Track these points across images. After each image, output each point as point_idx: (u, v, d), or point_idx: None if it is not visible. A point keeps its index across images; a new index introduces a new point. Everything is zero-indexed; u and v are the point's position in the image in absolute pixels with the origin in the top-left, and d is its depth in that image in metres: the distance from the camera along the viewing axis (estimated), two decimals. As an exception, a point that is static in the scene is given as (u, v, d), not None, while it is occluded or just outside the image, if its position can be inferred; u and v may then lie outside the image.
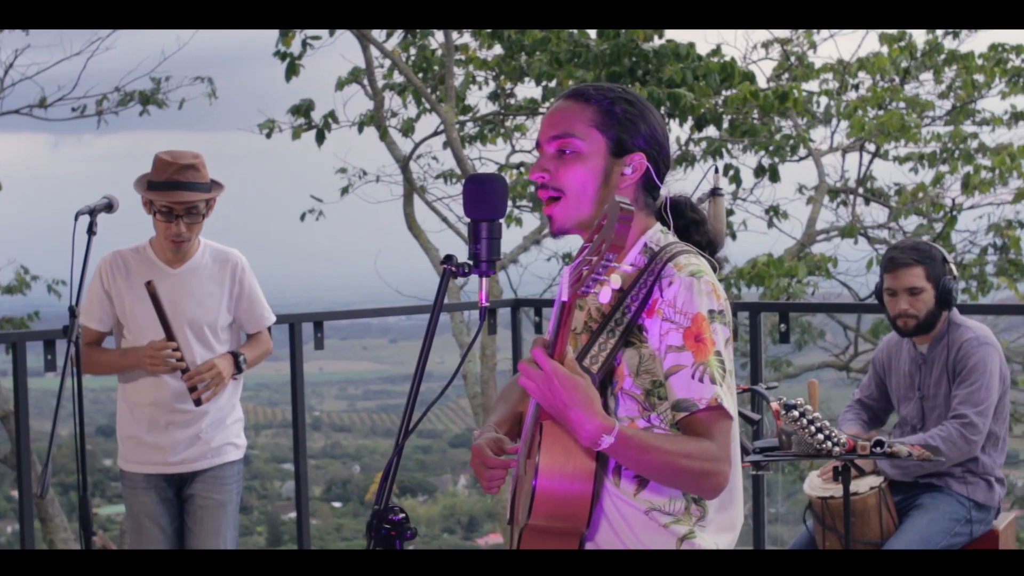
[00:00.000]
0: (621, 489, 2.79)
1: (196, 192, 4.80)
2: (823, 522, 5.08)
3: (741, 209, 12.93)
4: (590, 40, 11.07)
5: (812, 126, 13.11)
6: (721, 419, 2.68)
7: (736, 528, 2.90)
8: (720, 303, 2.75)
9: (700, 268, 2.76)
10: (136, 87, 12.69)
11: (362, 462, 31.63)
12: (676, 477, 2.67)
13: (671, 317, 2.71)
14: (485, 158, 13.18)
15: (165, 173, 4.78)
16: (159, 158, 4.82)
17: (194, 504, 5.01)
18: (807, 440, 4.44)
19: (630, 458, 2.62)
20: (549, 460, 2.65)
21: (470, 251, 2.68)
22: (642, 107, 2.89)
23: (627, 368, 2.77)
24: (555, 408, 2.55)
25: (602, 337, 2.79)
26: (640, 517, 2.78)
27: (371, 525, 2.56)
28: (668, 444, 2.66)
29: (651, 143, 2.87)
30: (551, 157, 2.84)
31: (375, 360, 41.94)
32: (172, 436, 4.91)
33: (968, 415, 4.95)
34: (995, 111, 13.06)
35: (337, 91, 12.55)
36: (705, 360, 2.68)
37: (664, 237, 2.87)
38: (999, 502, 5.21)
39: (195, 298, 4.94)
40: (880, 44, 12.94)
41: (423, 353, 2.66)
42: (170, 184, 4.77)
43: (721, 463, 2.66)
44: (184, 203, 4.78)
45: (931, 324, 5.12)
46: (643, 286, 2.77)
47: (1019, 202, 12.28)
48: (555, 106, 2.90)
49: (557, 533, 2.70)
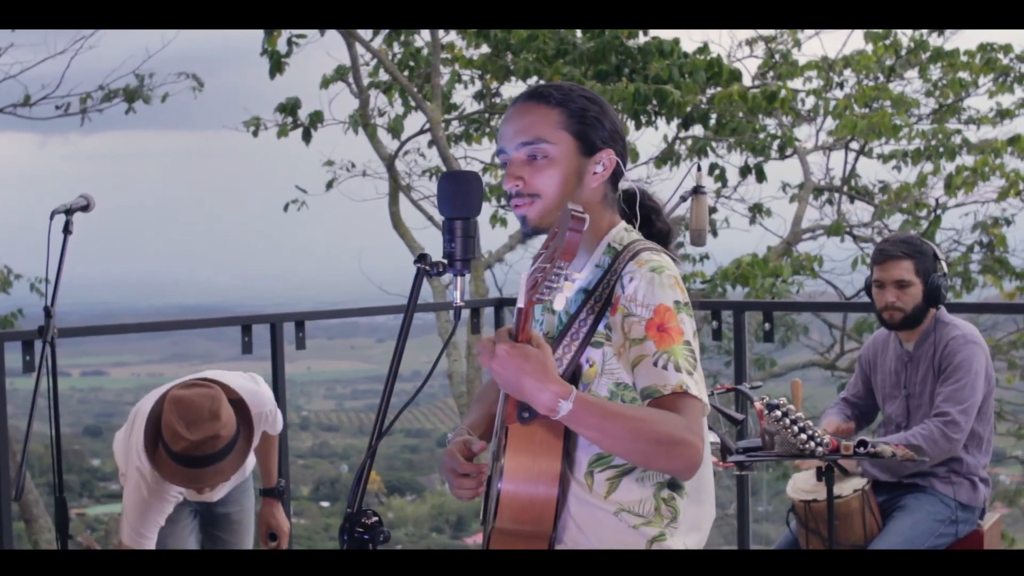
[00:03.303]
0: (593, 492, 2.75)
1: (221, 466, 4.32)
2: (806, 525, 5.06)
3: (725, 207, 12.96)
4: (576, 38, 11.07)
5: (797, 124, 13.12)
6: (689, 401, 2.63)
7: (705, 527, 2.86)
8: (684, 295, 2.73)
9: (662, 264, 2.74)
10: (120, 85, 12.69)
11: (350, 462, 31.64)
12: (645, 446, 2.59)
13: (633, 311, 2.69)
14: (471, 157, 13.21)
15: (178, 443, 4.23)
16: (170, 425, 4.23)
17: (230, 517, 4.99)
18: (790, 440, 4.42)
19: (592, 425, 2.58)
20: (514, 463, 2.65)
21: (445, 249, 2.66)
22: (601, 103, 2.90)
23: (597, 369, 2.75)
24: (509, 380, 2.56)
25: (567, 339, 2.79)
26: (609, 519, 2.75)
27: (344, 529, 2.54)
28: (633, 411, 2.62)
29: (616, 138, 2.88)
30: (522, 164, 2.82)
31: (363, 359, 41.97)
32: None
33: (950, 413, 4.93)
34: (981, 109, 13.11)
35: (322, 89, 12.56)
36: (669, 349, 2.65)
37: (627, 235, 2.86)
38: (984, 502, 5.20)
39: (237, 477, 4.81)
40: (865, 42, 12.98)
41: (396, 354, 2.64)
42: (187, 460, 4.26)
43: (691, 435, 2.60)
44: (208, 484, 4.42)
45: (917, 319, 5.11)
46: (606, 286, 2.77)
47: (1004, 200, 12.29)
48: (516, 110, 2.87)
49: (524, 536, 2.69)
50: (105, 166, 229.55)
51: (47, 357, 4.10)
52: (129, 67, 12.77)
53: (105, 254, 65.00)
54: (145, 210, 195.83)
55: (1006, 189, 12.16)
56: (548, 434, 2.66)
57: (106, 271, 37.87)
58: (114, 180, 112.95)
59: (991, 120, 12.93)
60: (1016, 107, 12.93)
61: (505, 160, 2.86)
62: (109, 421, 34.01)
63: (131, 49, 12.86)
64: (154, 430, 4.28)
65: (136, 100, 12.65)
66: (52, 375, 4.11)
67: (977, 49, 12.65)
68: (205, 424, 4.21)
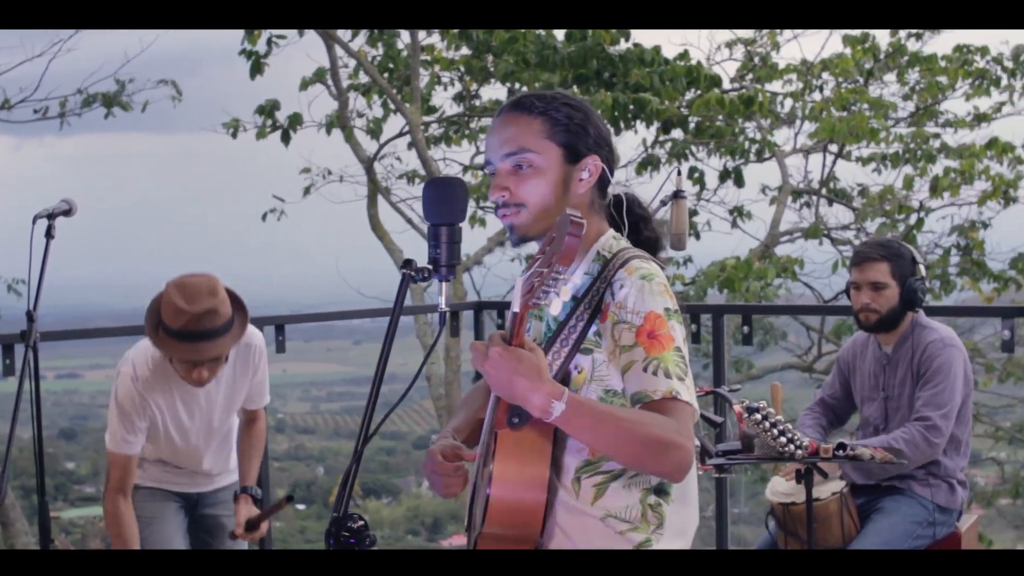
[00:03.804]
0: (580, 498, 2.77)
1: (218, 341, 4.44)
2: (785, 527, 5.08)
3: (705, 210, 12.97)
4: (557, 42, 11.08)
5: (776, 127, 13.15)
6: (679, 406, 2.65)
7: (690, 532, 2.89)
8: (674, 302, 2.76)
9: (651, 272, 2.76)
10: (99, 89, 12.63)
11: (326, 464, 31.55)
12: (637, 448, 2.61)
13: (624, 318, 2.71)
14: (450, 159, 13.21)
15: (178, 319, 4.37)
16: (171, 301, 4.40)
17: (220, 521, 5.00)
18: (770, 443, 4.44)
19: (585, 427, 2.59)
20: (503, 468, 2.67)
21: (430, 255, 2.67)
22: (586, 110, 2.91)
23: (586, 376, 2.76)
24: (503, 382, 2.56)
25: (556, 345, 2.80)
26: (596, 525, 2.77)
27: (330, 532, 2.55)
28: (625, 413, 2.64)
29: (601, 144, 2.89)
30: (508, 174, 2.84)
31: (339, 362, 41.85)
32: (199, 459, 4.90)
33: (931, 417, 4.96)
34: (958, 112, 13.15)
35: (301, 91, 12.54)
36: (659, 356, 2.67)
37: (616, 243, 2.88)
38: (962, 504, 5.23)
39: (225, 407, 4.84)
40: (844, 46, 13.01)
41: (382, 358, 2.65)
42: (186, 336, 4.40)
43: (683, 438, 2.62)
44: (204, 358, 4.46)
45: (893, 321, 5.15)
46: (595, 293, 2.79)
47: (984, 204, 12.34)
48: (501, 121, 2.88)
49: (512, 540, 2.70)
50: (83, 169, 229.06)
51: (30, 361, 4.10)
52: (108, 70, 12.71)
53: (83, 257, 64.73)
54: (124, 213, 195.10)
55: (988, 193, 12.21)
56: (537, 440, 2.67)
57: (84, 273, 37.78)
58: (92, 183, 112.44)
59: (968, 123, 12.97)
60: (993, 110, 12.99)
61: (492, 171, 2.87)
62: (84, 424, 33.85)
63: (110, 51, 12.82)
64: (155, 316, 4.43)
65: (115, 106, 12.60)
66: (35, 379, 4.11)
67: (953, 51, 12.71)
68: (204, 298, 4.36)
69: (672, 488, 2.81)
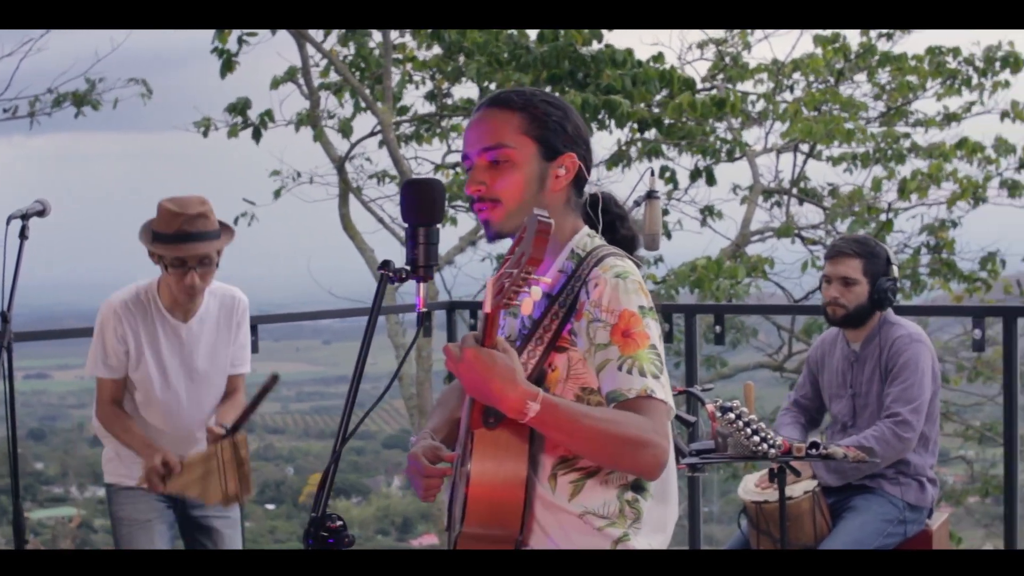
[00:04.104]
0: (556, 495, 2.78)
1: (208, 242, 4.64)
2: (757, 526, 5.10)
3: (676, 209, 12.97)
4: (529, 42, 11.08)
5: (747, 126, 13.18)
6: (654, 404, 2.67)
7: (668, 528, 2.90)
8: (649, 300, 2.76)
9: (626, 269, 2.77)
10: (70, 88, 12.54)
11: (296, 464, 31.46)
12: (612, 447, 2.62)
13: (598, 316, 2.72)
14: (421, 158, 13.17)
15: (173, 224, 4.60)
16: (165, 208, 4.63)
17: (213, 523, 5.00)
18: (743, 442, 4.45)
19: (560, 427, 2.60)
20: (481, 467, 2.67)
21: (407, 256, 2.67)
22: (564, 107, 2.92)
23: (560, 374, 2.77)
24: (477, 384, 2.56)
25: (531, 344, 2.81)
26: (574, 521, 2.78)
27: (309, 533, 2.54)
28: (600, 412, 2.65)
29: (578, 142, 2.90)
30: (484, 168, 2.84)
31: (308, 362, 41.69)
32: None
33: (901, 413, 4.99)
34: (928, 112, 13.20)
35: (272, 90, 12.48)
36: (634, 354, 2.68)
37: (591, 241, 2.89)
38: (932, 502, 5.26)
39: (207, 352, 4.89)
40: (815, 46, 13.04)
41: (360, 358, 2.64)
42: (180, 236, 4.59)
43: (657, 436, 2.63)
44: (197, 256, 4.63)
45: (860, 318, 5.18)
46: (570, 292, 2.79)
47: (953, 204, 12.39)
48: (479, 116, 2.89)
49: (491, 540, 2.70)
50: (53, 168, 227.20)
51: (3, 364, 4.10)
52: (78, 69, 12.64)
53: (54, 256, 64.22)
54: (94, 212, 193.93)
55: (957, 194, 12.26)
56: (514, 438, 2.68)
57: (55, 273, 37.47)
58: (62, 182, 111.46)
59: (938, 123, 13.02)
60: (963, 110, 13.04)
61: (469, 166, 2.88)
62: (53, 424, 33.68)
63: (80, 51, 12.76)
64: (149, 231, 4.66)
65: (85, 105, 12.54)
66: (9, 380, 4.11)
67: (926, 52, 12.75)
68: (195, 205, 4.62)
69: (650, 484, 2.82)
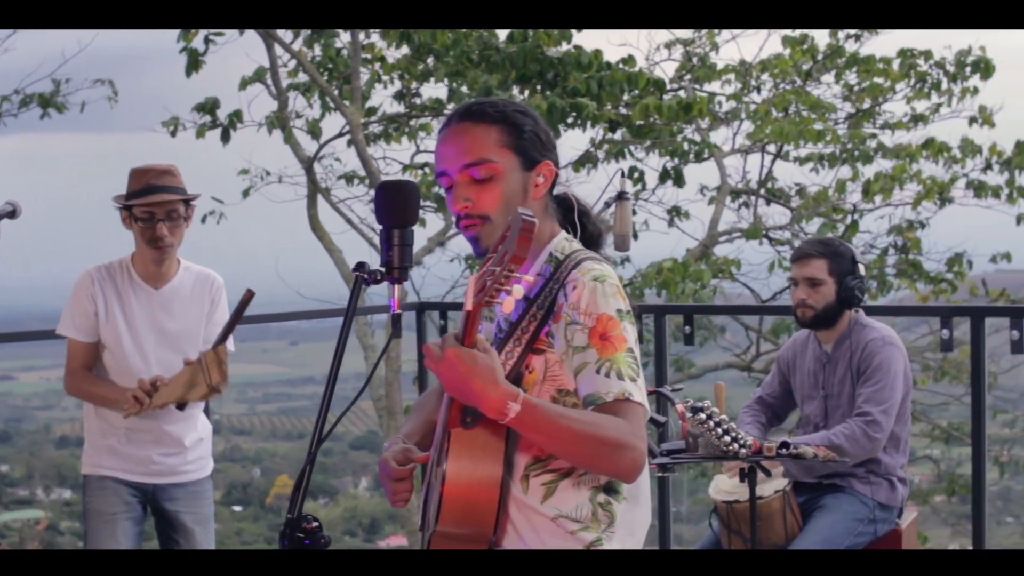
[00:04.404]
0: (528, 496, 2.78)
1: (174, 194, 4.79)
2: (728, 526, 5.11)
3: (643, 210, 12.98)
4: (499, 42, 11.07)
5: (714, 127, 13.20)
6: (632, 407, 2.68)
7: (641, 531, 2.91)
8: (627, 303, 2.77)
9: (604, 273, 2.78)
10: (36, 89, 12.51)
11: (262, 465, 31.40)
12: (590, 449, 2.63)
13: (576, 319, 2.73)
14: (390, 158, 13.15)
15: (142, 181, 4.79)
16: (133, 170, 4.82)
17: (184, 518, 4.98)
18: (714, 442, 4.47)
19: (540, 428, 2.61)
20: (457, 467, 2.67)
21: (382, 258, 2.67)
22: (534, 115, 2.93)
23: (537, 376, 2.78)
24: (457, 383, 2.56)
25: (509, 345, 2.82)
26: (547, 524, 2.78)
27: (284, 534, 2.54)
28: (578, 414, 2.66)
29: (551, 148, 2.92)
30: (468, 185, 2.84)
31: (275, 363, 41.59)
32: (151, 449, 4.89)
33: (872, 413, 5.02)
34: (896, 113, 13.25)
35: (240, 91, 12.44)
36: (612, 357, 2.69)
37: (569, 245, 2.90)
38: (902, 502, 5.29)
39: (176, 319, 4.92)
40: (783, 47, 13.08)
41: (335, 361, 2.64)
42: (147, 190, 4.76)
43: (635, 439, 2.64)
44: (164, 204, 4.77)
45: (830, 318, 5.21)
46: (548, 294, 2.80)
47: (919, 205, 12.45)
48: (455, 130, 2.87)
49: (465, 539, 2.71)
50: (19, 169, 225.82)
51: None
52: (45, 70, 12.59)
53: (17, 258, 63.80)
54: (60, 214, 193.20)
55: (922, 195, 12.32)
56: (490, 438, 2.68)
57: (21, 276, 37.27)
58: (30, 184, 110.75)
59: (906, 125, 13.08)
60: (930, 112, 13.10)
61: (449, 183, 2.86)
62: (18, 426, 33.53)
63: (47, 52, 12.69)
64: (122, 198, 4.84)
65: (51, 106, 12.48)
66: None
67: (897, 55, 12.81)
68: (163, 166, 4.83)
69: (622, 487, 2.82)
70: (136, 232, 4.84)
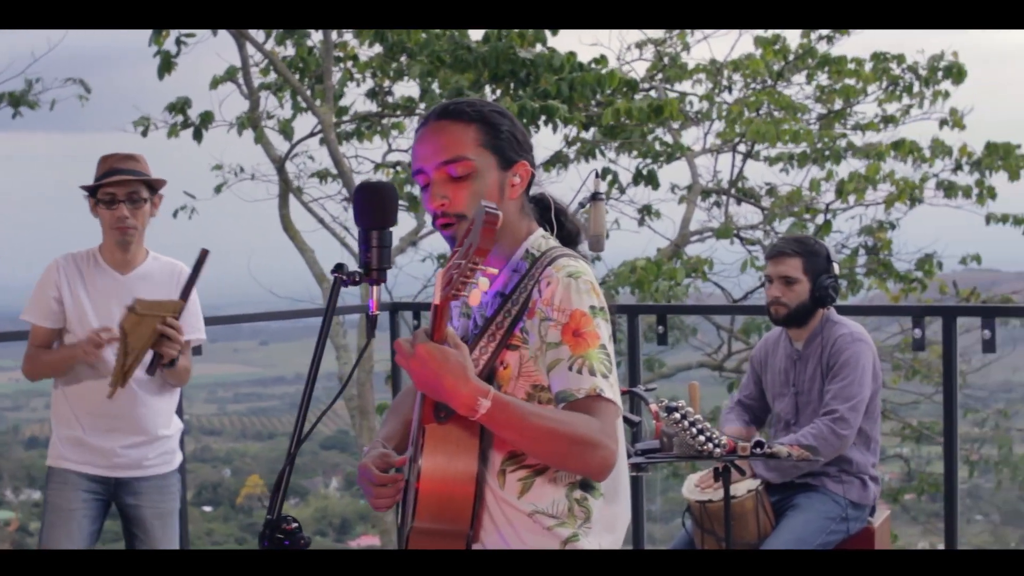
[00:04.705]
0: (505, 491, 2.79)
1: (137, 176, 4.83)
2: (701, 525, 5.13)
3: (615, 209, 12.99)
4: (471, 42, 11.07)
5: (686, 127, 13.22)
6: (603, 404, 2.68)
7: (620, 528, 2.91)
8: (601, 300, 2.78)
9: (579, 269, 2.79)
10: (6, 88, 12.45)
11: (232, 466, 31.29)
12: (561, 447, 2.63)
13: (550, 315, 2.74)
14: (362, 156, 13.15)
15: (106, 165, 4.86)
16: (101, 157, 4.90)
17: (143, 513, 4.95)
18: (688, 442, 4.48)
19: (511, 425, 2.60)
20: (432, 463, 2.68)
21: (360, 259, 2.67)
22: (510, 115, 2.94)
23: (511, 371, 2.78)
24: (429, 380, 2.56)
25: (483, 341, 2.82)
26: (524, 520, 2.79)
27: (264, 535, 2.54)
28: (549, 412, 2.67)
29: (527, 148, 2.92)
30: (445, 183, 2.83)
31: (245, 363, 41.47)
32: (116, 440, 4.86)
33: (838, 410, 5.04)
34: (867, 115, 13.30)
35: (212, 90, 12.40)
36: (584, 354, 2.70)
37: (545, 242, 2.91)
38: (874, 500, 5.32)
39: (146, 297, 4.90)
40: (755, 47, 13.11)
41: (314, 364, 2.65)
42: (110, 172, 4.82)
43: (606, 437, 2.64)
44: (125, 186, 4.80)
45: (803, 316, 5.23)
46: (523, 290, 2.80)
47: (891, 206, 12.50)
48: (432, 129, 2.87)
49: (442, 535, 2.71)
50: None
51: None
52: (15, 69, 12.54)
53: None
54: (34, 213, 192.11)
55: (894, 195, 12.37)
56: (465, 433, 2.68)
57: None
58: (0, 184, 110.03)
59: (876, 126, 13.13)
60: (901, 114, 13.16)
61: (425, 181, 2.86)
62: (-20, 428, 33.32)
63: (16, 51, 12.64)
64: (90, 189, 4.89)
65: (23, 105, 12.42)
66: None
67: (871, 58, 12.86)
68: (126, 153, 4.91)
69: (599, 483, 2.83)
70: (101, 218, 4.87)
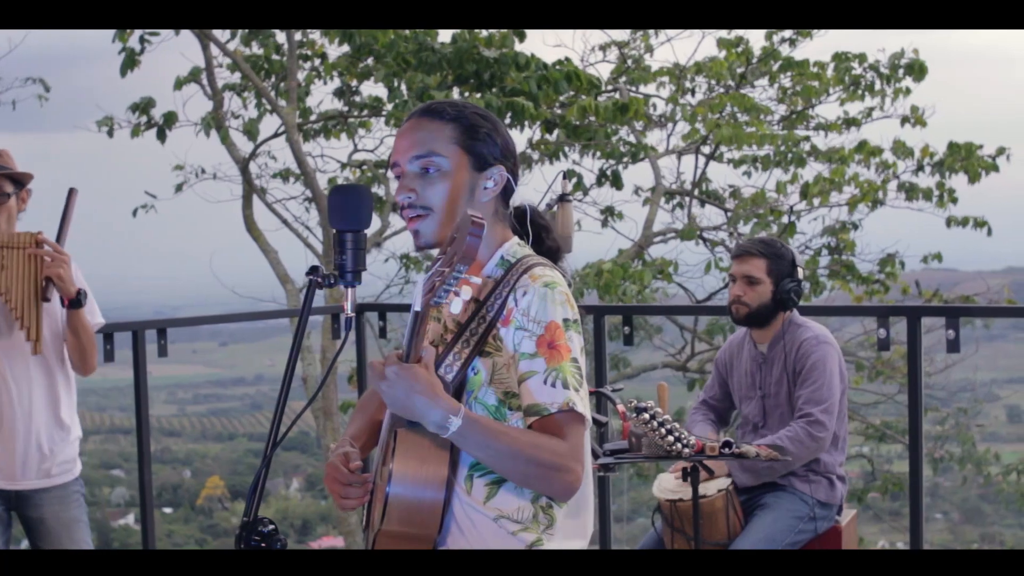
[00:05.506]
0: (472, 496, 2.79)
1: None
2: (671, 524, 5.14)
3: (577, 210, 12.99)
4: (436, 43, 11.07)
5: (649, 128, 13.25)
6: (574, 422, 2.70)
7: (586, 536, 2.93)
8: (574, 313, 2.79)
9: (554, 280, 2.80)
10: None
11: (192, 467, 31.24)
12: (526, 468, 2.66)
13: (524, 325, 2.75)
14: (327, 155, 13.15)
15: None
16: None
17: (45, 526, 4.85)
18: (657, 442, 4.49)
19: (479, 444, 2.63)
20: (403, 467, 2.69)
21: (336, 261, 2.68)
22: (494, 120, 2.95)
23: (483, 377, 2.79)
24: (400, 399, 2.60)
25: (457, 346, 2.82)
26: (489, 525, 2.79)
27: (240, 537, 2.53)
28: (518, 433, 2.68)
29: (507, 155, 2.93)
30: (415, 176, 2.86)
31: (205, 363, 41.43)
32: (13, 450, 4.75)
33: (813, 413, 5.06)
34: (830, 117, 13.36)
35: (176, 91, 12.35)
36: (558, 366, 2.71)
37: (520, 250, 2.92)
38: (841, 499, 5.34)
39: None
40: (718, 49, 13.16)
41: (290, 363, 2.65)
42: None
43: (573, 461, 2.67)
44: None
45: (764, 318, 5.25)
46: (498, 297, 2.81)
47: (855, 208, 12.55)
48: (410, 125, 2.91)
49: (410, 539, 2.72)
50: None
51: None
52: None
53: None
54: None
55: (858, 197, 12.43)
56: (436, 439, 2.69)
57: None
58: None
59: (839, 127, 13.19)
60: (863, 115, 13.22)
61: (399, 173, 2.89)
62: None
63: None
64: None
65: (-15, 102, 12.36)
66: None
67: (832, 58, 12.92)
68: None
69: None
70: None
